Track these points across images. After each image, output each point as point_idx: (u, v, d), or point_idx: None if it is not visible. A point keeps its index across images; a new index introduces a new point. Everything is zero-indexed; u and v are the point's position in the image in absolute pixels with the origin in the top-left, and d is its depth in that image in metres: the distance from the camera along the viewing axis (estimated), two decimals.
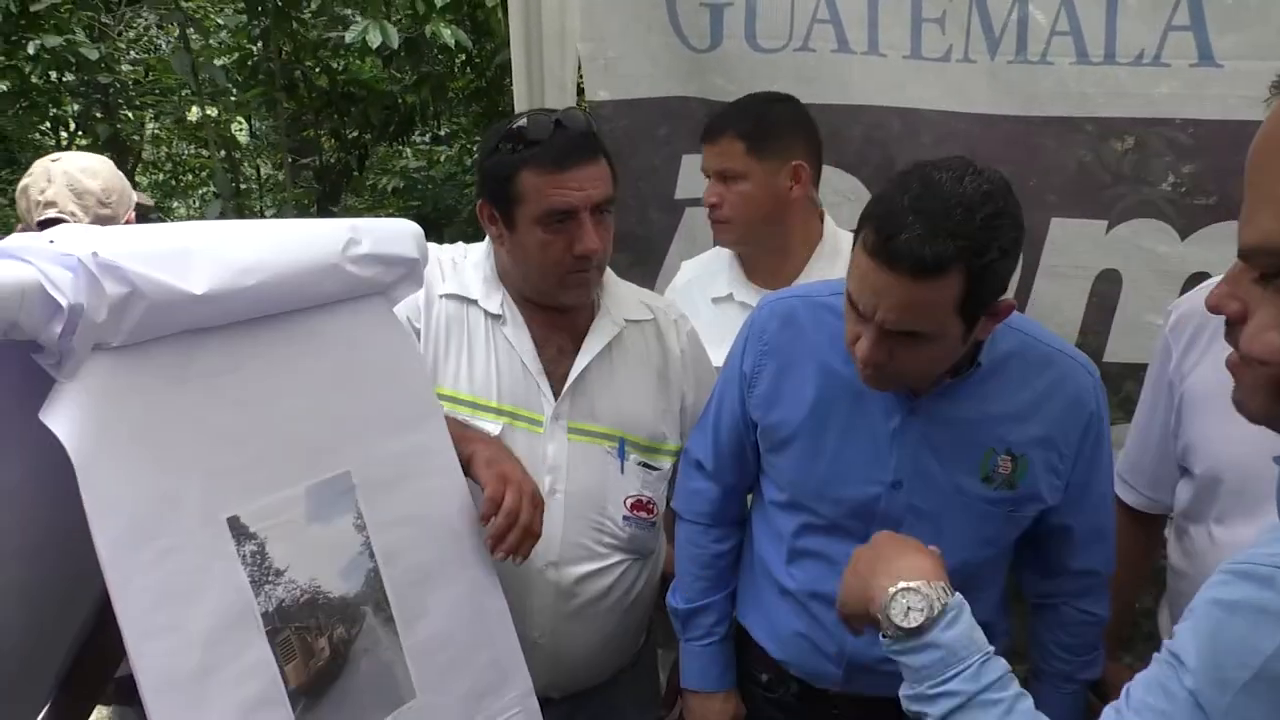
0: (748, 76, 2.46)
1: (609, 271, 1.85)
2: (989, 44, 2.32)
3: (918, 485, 1.54)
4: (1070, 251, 2.34)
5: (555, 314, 1.79)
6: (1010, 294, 2.35)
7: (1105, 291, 2.37)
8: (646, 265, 2.67)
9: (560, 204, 1.65)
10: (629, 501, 1.81)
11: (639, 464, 1.82)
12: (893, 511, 1.55)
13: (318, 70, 6.16)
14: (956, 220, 1.29)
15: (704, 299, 2.21)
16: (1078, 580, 1.66)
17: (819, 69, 2.46)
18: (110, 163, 2.39)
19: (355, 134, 6.74)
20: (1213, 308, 0.88)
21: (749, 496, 1.82)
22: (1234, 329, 0.86)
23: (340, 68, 6.33)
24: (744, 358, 1.68)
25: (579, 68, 2.70)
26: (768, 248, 2.15)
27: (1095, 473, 1.59)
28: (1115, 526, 1.67)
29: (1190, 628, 0.89)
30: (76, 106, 6.49)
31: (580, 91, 2.83)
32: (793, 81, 2.36)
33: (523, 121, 1.68)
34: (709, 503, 1.79)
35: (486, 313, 1.77)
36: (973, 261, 1.30)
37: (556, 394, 1.77)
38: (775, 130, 2.06)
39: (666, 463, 1.87)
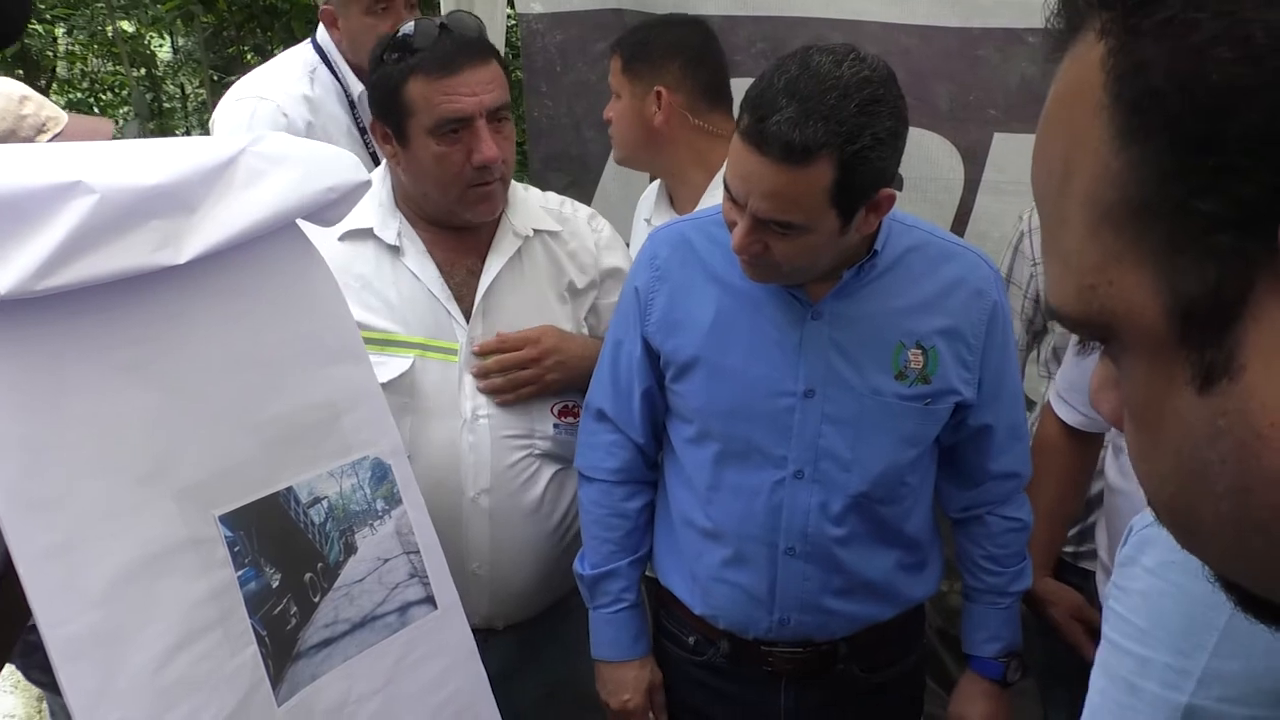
0: None
1: (517, 185, 1.79)
2: None
3: (831, 392, 1.52)
4: (1013, 167, 2.32)
5: (461, 234, 1.73)
6: (954, 208, 2.38)
7: None
8: (582, 186, 2.61)
9: (452, 111, 1.58)
10: (557, 409, 1.77)
11: None
12: (808, 423, 1.52)
13: None
14: (829, 105, 1.27)
15: (640, 219, 2.20)
16: (1000, 485, 1.66)
17: None
18: (11, 90, 2.14)
19: (280, 49, 6.48)
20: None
21: (658, 454, 1.74)
22: None
23: None
24: (637, 286, 1.62)
25: None
26: (661, 172, 2.12)
27: (1007, 365, 1.60)
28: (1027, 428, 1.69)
29: (1136, 607, 0.82)
30: None
31: (511, 4, 2.73)
32: None
33: (407, 28, 1.60)
34: (614, 457, 1.68)
35: (384, 243, 1.69)
36: (844, 148, 1.28)
37: (469, 318, 1.71)
38: (647, 52, 2.02)
39: None
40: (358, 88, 2.52)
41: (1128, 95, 0.41)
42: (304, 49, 2.62)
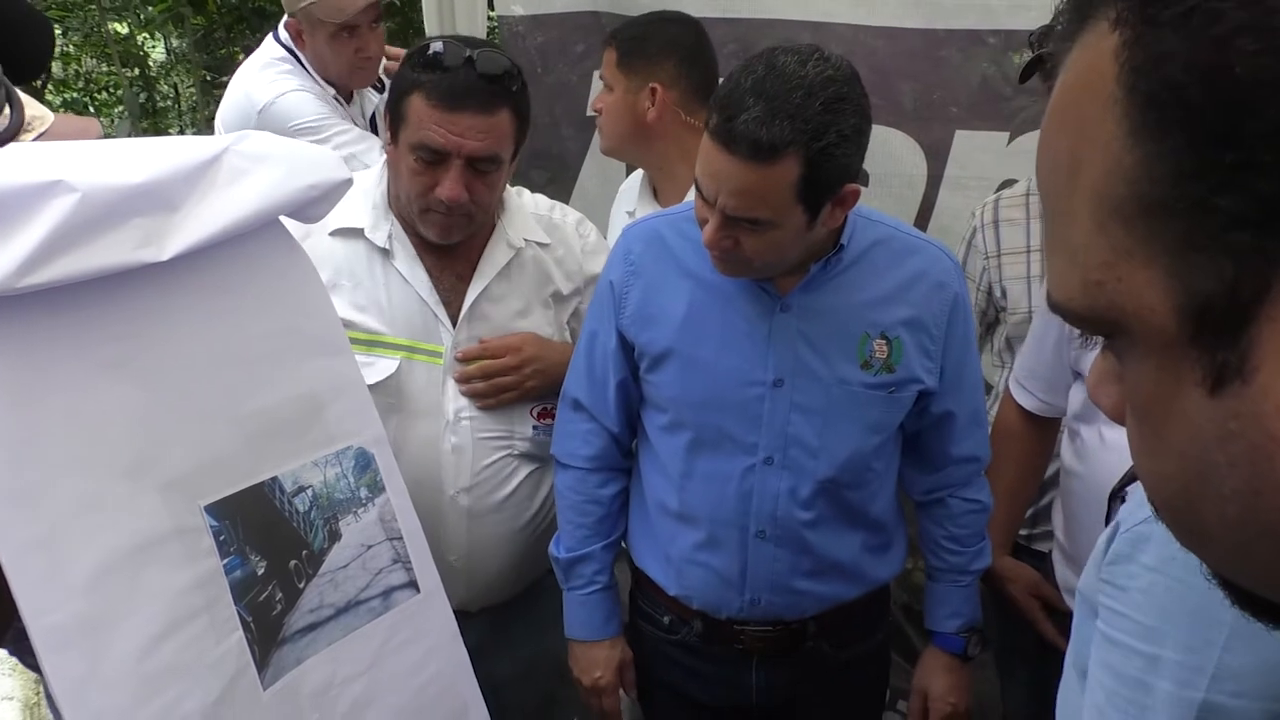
0: None
1: (511, 190, 1.82)
2: None
3: (800, 382, 1.56)
4: (973, 163, 2.38)
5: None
6: (917, 204, 2.44)
7: None
8: (561, 182, 2.66)
9: (430, 141, 1.60)
10: (536, 411, 1.82)
11: None
12: (778, 412, 1.57)
13: None
14: (795, 103, 1.31)
15: (620, 211, 2.23)
16: (961, 469, 1.71)
17: None
18: None
19: None
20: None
21: (632, 442, 1.78)
22: None
23: None
24: (612, 280, 1.66)
25: None
26: (648, 166, 2.14)
27: (968, 354, 1.65)
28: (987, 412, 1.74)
29: (1139, 604, 0.80)
30: None
31: (491, 5, 2.78)
32: None
33: (438, 45, 1.63)
34: (589, 445, 1.73)
35: (374, 245, 1.72)
36: (810, 145, 1.32)
37: (455, 322, 1.75)
38: (644, 48, 2.03)
39: None
40: (329, 90, 2.55)
41: (1144, 88, 0.39)
42: (272, 49, 2.62)
